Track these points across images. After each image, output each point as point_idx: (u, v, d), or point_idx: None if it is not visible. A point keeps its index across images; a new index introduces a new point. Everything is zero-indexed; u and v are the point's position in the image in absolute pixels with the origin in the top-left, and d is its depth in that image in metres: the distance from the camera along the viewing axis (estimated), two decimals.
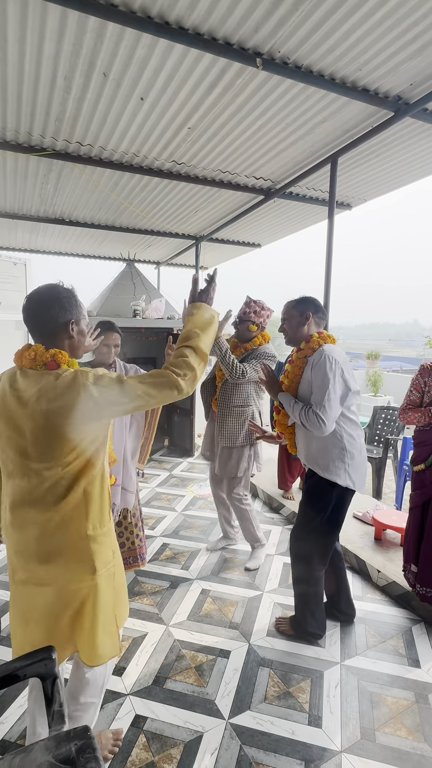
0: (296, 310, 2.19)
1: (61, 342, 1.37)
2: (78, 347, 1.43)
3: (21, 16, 1.96)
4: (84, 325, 1.44)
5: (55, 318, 1.34)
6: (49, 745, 1.16)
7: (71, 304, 1.37)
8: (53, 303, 1.34)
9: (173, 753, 1.64)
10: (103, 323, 2.33)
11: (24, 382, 1.31)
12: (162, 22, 2.01)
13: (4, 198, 4.32)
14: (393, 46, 2.15)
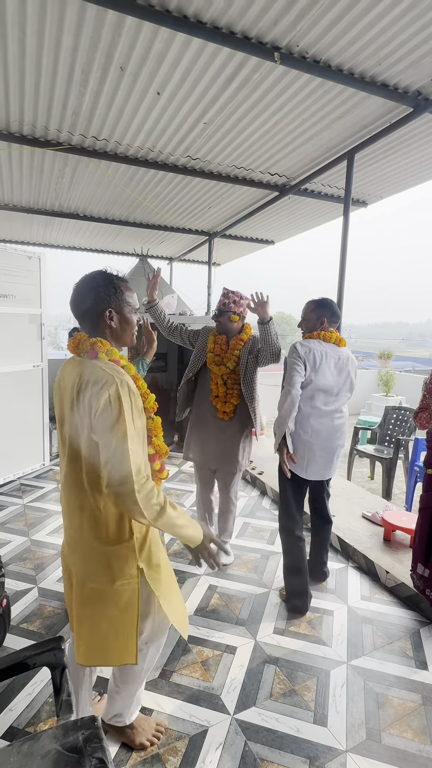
0: (314, 313, 2.45)
1: (102, 330, 1.37)
2: (121, 336, 1.41)
3: (40, 9, 1.96)
4: (128, 312, 1.41)
5: (92, 306, 1.34)
6: (57, 733, 1.17)
7: (109, 292, 1.35)
8: (90, 291, 1.35)
9: (178, 746, 1.65)
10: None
11: (68, 368, 1.35)
12: (180, 16, 2.00)
13: (20, 192, 4.36)
14: (413, 41, 2.12)
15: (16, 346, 4.24)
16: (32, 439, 4.57)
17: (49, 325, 4.79)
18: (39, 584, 2.65)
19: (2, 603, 2.12)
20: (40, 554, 3.00)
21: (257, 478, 4.43)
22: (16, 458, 4.39)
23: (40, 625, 2.29)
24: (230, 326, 2.79)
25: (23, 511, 3.70)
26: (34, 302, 4.38)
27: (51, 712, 1.78)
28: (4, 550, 3.03)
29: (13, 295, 4.15)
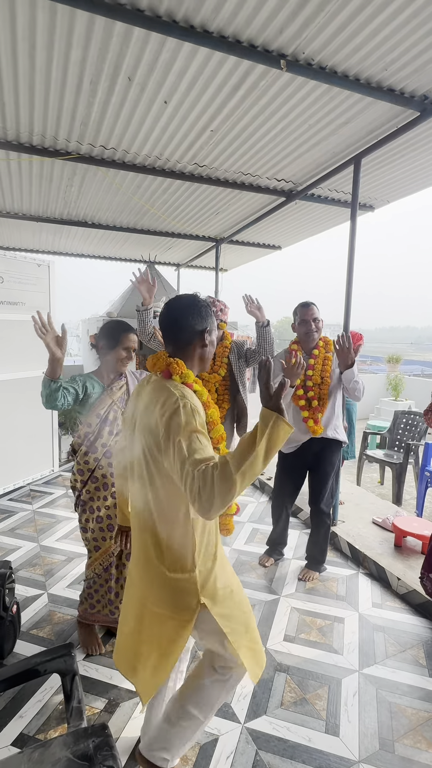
0: (320, 316, 2.78)
1: (192, 352, 1.37)
2: (207, 359, 1.42)
3: (50, 23, 2.00)
4: (215, 336, 1.43)
5: (191, 326, 1.35)
6: (68, 741, 1.17)
7: (207, 313, 1.38)
8: (193, 310, 1.36)
9: (189, 754, 1.64)
10: (120, 324, 2.14)
11: (146, 386, 1.37)
12: (187, 26, 2.02)
13: (29, 201, 4.42)
14: (419, 46, 2.12)
15: (25, 353, 4.28)
16: (41, 445, 4.60)
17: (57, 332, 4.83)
18: (49, 590, 2.65)
19: (12, 609, 2.13)
20: (49, 560, 3.01)
21: (266, 484, 4.41)
22: (26, 464, 4.42)
23: (50, 632, 2.29)
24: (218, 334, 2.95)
25: (33, 516, 3.71)
26: (43, 309, 4.42)
27: (61, 719, 1.78)
28: (14, 556, 3.05)
29: (23, 303, 4.19)
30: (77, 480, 2.10)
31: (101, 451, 2.05)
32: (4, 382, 4.07)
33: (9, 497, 4.13)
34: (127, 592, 1.47)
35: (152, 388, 1.31)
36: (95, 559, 2.13)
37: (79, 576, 2.80)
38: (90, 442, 2.04)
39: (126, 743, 1.68)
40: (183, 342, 1.36)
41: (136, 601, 1.38)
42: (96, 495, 2.09)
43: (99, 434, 2.04)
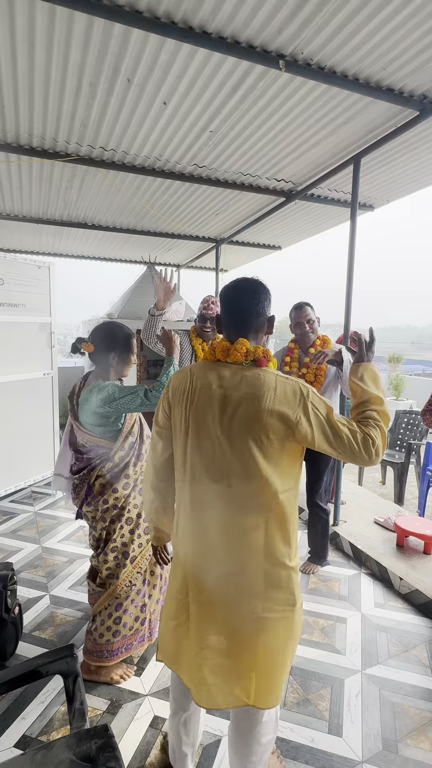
0: (313, 316, 2.80)
1: (261, 338, 1.32)
2: (266, 345, 1.36)
3: (48, 24, 2.00)
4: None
5: (264, 312, 1.30)
6: (70, 742, 1.17)
7: (271, 299, 1.34)
8: (264, 296, 1.30)
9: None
10: (122, 327, 2.02)
11: (228, 376, 1.24)
12: (186, 27, 2.02)
13: (29, 203, 4.43)
14: (418, 45, 2.12)
15: (26, 355, 4.29)
16: (43, 446, 4.61)
17: (58, 333, 4.84)
18: (51, 592, 2.65)
19: (14, 611, 2.13)
20: (51, 561, 3.01)
21: None
22: (27, 466, 4.42)
23: (52, 633, 2.29)
24: (211, 333, 3.00)
25: (34, 518, 3.72)
26: (43, 311, 4.43)
27: (64, 721, 1.77)
28: (15, 558, 3.05)
29: (23, 304, 4.20)
30: (113, 504, 1.89)
31: (144, 456, 1.97)
32: (4, 384, 4.07)
33: (10, 499, 4.14)
34: (207, 620, 1.24)
35: (251, 378, 1.20)
36: (115, 588, 1.92)
37: (81, 578, 2.80)
38: (136, 450, 1.95)
39: (128, 744, 1.67)
40: (257, 328, 1.30)
41: (230, 615, 1.22)
42: (136, 509, 1.94)
43: (141, 441, 1.97)
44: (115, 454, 1.89)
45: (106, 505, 1.90)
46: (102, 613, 1.94)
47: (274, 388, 1.18)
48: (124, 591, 1.94)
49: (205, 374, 1.27)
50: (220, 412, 1.20)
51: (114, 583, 1.92)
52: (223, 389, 1.22)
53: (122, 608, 1.94)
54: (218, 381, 1.24)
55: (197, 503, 1.25)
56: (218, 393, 1.22)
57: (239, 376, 1.22)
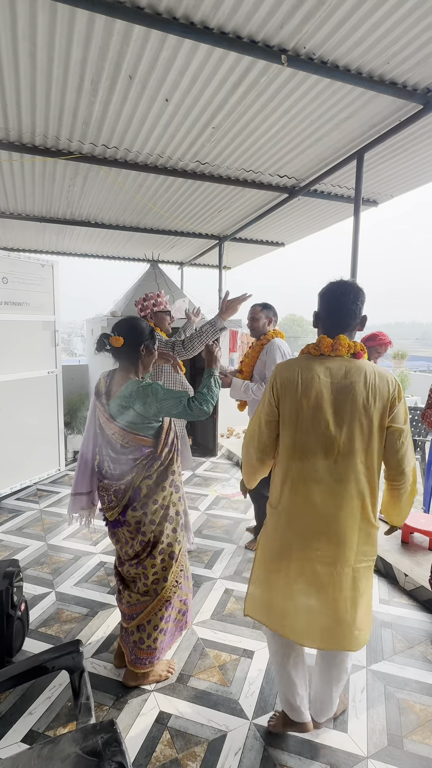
0: (262, 313, 3.04)
1: (354, 333, 1.54)
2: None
3: (50, 22, 2.00)
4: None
5: (360, 312, 1.52)
6: (76, 737, 1.18)
7: (364, 299, 1.52)
8: (360, 298, 1.51)
9: (197, 751, 1.64)
10: (144, 321, 1.96)
11: (333, 367, 1.47)
12: (187, 23, 2.02)
13: (32, 202, 4.43)
14: (421, 38, 2.10)
15: (30, 353, 4.30)
16: (47, 444, 4.63)
17: (62, 332, 4.86)
18: (56, 588, 2.67)
19: (21, 607, 2.15)
20: (57, 558, 3.02)
21: None
22: (32, 464, 4.44)
23: (58, 629, 2.31)
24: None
25: (40, 516, 3.74)
26: (47, 309, 4.44)
27: (70, 716, 1.79)
28: (21, 555, 3.07)
29: (27, 303, 4.21)
30: (163, 504, 1.84)
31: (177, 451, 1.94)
32: (9, 383, 4.09)
33: (16, 497, 4.16)
34: (324, 569, 1.47)
35: (352, 369, 1.45)
36: (166, 590, 1.87)
37: (86, 574, 2.81)
38: (176, 447, 1.92)
39: (134, 739, 1.68)
40: (354, 325, 1.52)
41: (340, 573, 1.46)
42: (175, 506, 1.90)
43: (176, 437, 1.95)
44: (161, 451, 1.83)
45: (155, 505, 1.82)
46: (153, 620, 1.87)
47: (373, 376, 1.43)
48: (173, 591, 1.89)
49: (311, 367, 1.48)
50: (331, 399, 1.44)
51: (164, 587, 1.86)
52: (330, 378, 1.45)
53: (171, 606, 1.92)
54: (324, 372, 1.46)
55: (307, 477, 1.48)
56: (326, 382, 1.45)
57: (343, 367, 1.46)
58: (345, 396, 1.42)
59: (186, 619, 2.05)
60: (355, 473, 1.44)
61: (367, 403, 1.41)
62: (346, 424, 1.42)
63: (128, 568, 1.89)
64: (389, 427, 1.45)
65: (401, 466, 1.49)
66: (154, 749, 1.65)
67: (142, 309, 3.01)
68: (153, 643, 1.89)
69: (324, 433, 1.44)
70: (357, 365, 1.45)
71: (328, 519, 1.46)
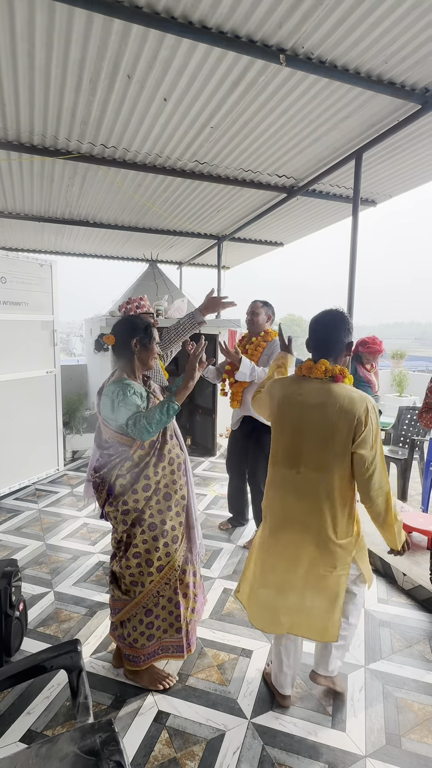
0: (263, 309, 3.14)
1: (341, 359, 1.65)
2: (346, 365, 1.70)
3: (48, 21, 2.00)
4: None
5: (343, 339, 1.63)
6: (75, 736, 1.18)
7: (350, 328, 1.65)
8: (343, 325, 1.63)
9: (195, 750, 1.64)
10: (140, 318, 1.96)
11: (309, 387, 1.61)
12: (185, 22, 2.02)
13: (31, 201, 4.43)
14: (420, 38, 2.11)
15: (29, 353, 4.30)
16: (46, 444, 4.62)
17: (61, 332, 4.85)
18: (55, 588, 2.67)
19: (19, 607, 2.14)
20: (55, 558, 3.02)
21: None
22: (31, 464, 4.44)
23: (57, 629, 2.31)
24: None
25: (38, 515, 3.73)
26: (46, 309, 4.44)
27: (69, 716, 1.79)
28: (20, 555, 3.06)
29: (26, 303, 4.21)
30: (132, 507, 1.80)
31: (167, 458, 1.86)
32: (8, 382, 4.09)
33: (15, 496, 4.16)
34: (287, 566, 1.66)
35: (336, 391, 1.55)
36: (142, 597, 1.85)
37: (84, 574, 2.81)
38: (157, 450, 1.84)
39: (132, 739, 1.68)
40: (336, 351, 1.63)
41: (305, 569, 1.62)
42: (160, 514, 1.84)
43: (164, 441, 1.86)
44: (134, 453, 1.80)
45: (125, 506, 1.80)
46: (132, 620, 1.86)
47: (345, 400, 1.51)
48: (152, 600, 1.85)
49: (293, 386, 1.66)
50: (301, 416, 1.58)
51: (141, 592, 1.83)
52: (304, 398, 1.59)
53: (153, 614, 1.86)
54: (301, 391, 1.61)
55: (278, 484, 1.67)
56: (300, 401, 1.60)
57: (318, 388, 1.58)
58: (313, 415, 1.55)
59: (186, 641, 1.92)
60: (315, 487, 1.57)
61: (333, 425, 1.51)
62: (310, 441, 1.56)
63: (113, 563, 1.93)
64: (354, 453, 1.52)
65: (368, 492, 1.55)
66: (153, 748, 1.65)
67: (125, 313, 2.91)
68: (135, 643, 1.86)
69: (289, 445, 1.62)
70: (331, 388, 1.56)
71: (290, 523, 1.64)
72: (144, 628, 1.86)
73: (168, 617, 1.90)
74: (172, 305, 5.79)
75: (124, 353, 1.87)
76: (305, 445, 1.57)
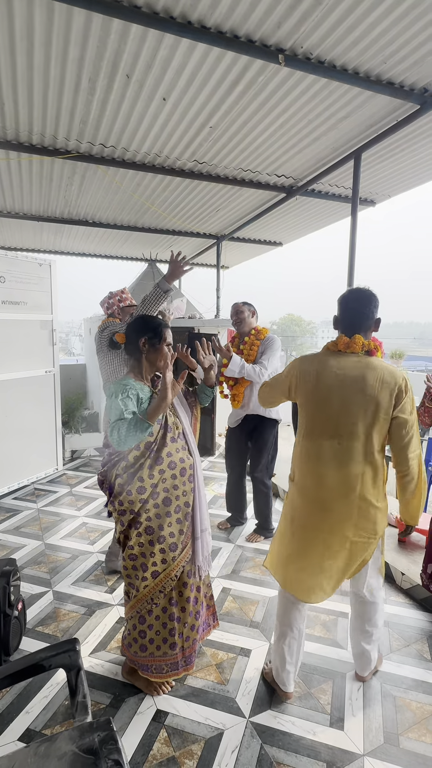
0: (245, 307, 3.22)
1: (371, 333, 1.76)
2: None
3: (47, 20, 2.00)
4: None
5: (374, 315, 1.73)
6: (73, 735, 1.18)
7: (378, 304, 1.75)
8: (374, 301, 1.73)
9: (194, 749, 1.65)
10: (153, 318, 1.91)
11: (347, 362, 1.69)
12: (184, 22, 2.02)
13: (30, 201, 4.43)
14: (418, 38, 2.11)
15: (28, 352, 4.30)
16: (45, 444, 4.62)
17: (60, 331, 4.85)
18: (54, 588, 2.67)
19: (18, 606, 2.14)
20: (54, 558, 3.02)
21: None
22: (30, 463, 4.44)
23: (56, 628, 2.31)
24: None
25: (37, 515, 3.73)
26: (45, 308, 4.44)
27: (67, 715, 1.79)
28: (19, 554, 3.06)
29: (25, 302, 4.20)
30: (128, 508, 1.75)
31: (166, 461, 1.78)
32: (7, 382, 4.08)
33: (13, 496, 4.15)
34: (327, 536, 1.72)
35: (363, 364, 1.66)
36: (137, 601, 1.81)
37: (83, 574, 2.81)
38: (153, 452, 1.78)
39: (131, 738, 1.69)
40: (367, 327, 1.73)
41: (346, 536, 1.70)
42: (158, 519, 1.77)
43: (162, 443, 1.79)
44: (129, 453, 1.75)
45: (121, 506, 1.76)
46: (129, 621, 1.85)
47: (383, 371, 1.63)
48: (146, 607, 1.79)
49: (328, 361, 1.72)
50: (340, 389, 1.66)
51: (135, 595, 1.80)
52: (342, 371, 1.67)
53: (146, 623, 1.81)
54: (338, 365, 1.68)
55: (316, 456, 1.72)
56: (339, 374, 1.67)
57: (356, 362, 1.67)
58: (353, 387, 1.64)
59: (181, 658, 1.85)
60: (356, 454, 1.66)
61: (376, 395, 1.61)
62: (352, 412, 1.64)
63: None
64: (395, 418, 1.63)
65: (405, 453, 1.67)
66: (151, 747, 1.65)
67: (108, 307, 2.87)
68: (129, 647, 1.84)
69: (330, 417, 1.68)
70: (369, 361, 1.66)
71: (330, 492, 1.69)
72: (137, 634, 1.82)
73: (161, 630, 1.82)
74: (172, 304, 5.80)
75: (134, 353, 1.83)
76: (347, 416, 1.65)
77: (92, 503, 3.99)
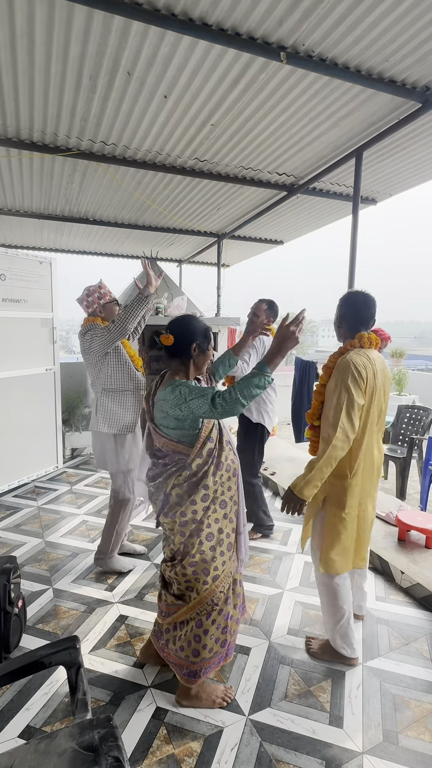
0: (266, 312, 3.16)
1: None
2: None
3: (48, 18, 1.99)
4: None
5: (375, 313, 2.02)
6: (73, 732, 1.18)
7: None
8: (374, 302, 2.01)
9: (194, 746, 1.65)
10: (200, 320, 1.87)
11: (378, 361, 1.95)
12: (186, 19, 2.01)
13: (30, 199, 4.42)
14: (421, 36, 2.10)
15: (29, 350, 4.30)
16: (45, 441, 4.63)
17: (60, 329, 4.85)
18: (54, 585, 2.67)
19: (18, 604, 2.15)
20: (54, 555, 3.03)
21: (269, 479, 4.42)
22: (30, 461, 4.44)
23: (56, 626, 2.31)
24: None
25: (37, 513, 3.74)
26: (45, 306, 4.44)
27: (68, 712, 1.79)
28: (19, 552, 3.07)
29: (25, 300, 4.20)
30: (191, 518, 1.70)
31: (224, 465, 1.75)
32: (7, 380, 4.09)
33: (14, 494, 4.16)
34: (372, 503, 2.08)
35: (382, 358, 1.98)
36: (195, 605, 1.76)
37: (84, 571, 2.82)
38: (215, 458, 1.73)
39: (131, 735, 1.69)
40: (372, 324, 2.04)
41: (371, 513, 2.09)
42: (217, 523, 1.75)
43: (221, 448, 1.76)
44: (192, 462, 1.69)
45: (183, 518, 1.70)
46: (185, 625, 1.80)
47: (384, 363, 1.99)
48: (206, 609, 1.76)
49: (370, 358, 1.91)
50: (382, 383, 1.95)
51: (195, 598, 1.75)
52: (379, 366, 1.94)
53: (202, 627, 1.76)
54: (374, 361, 1.92)
55: (367, 442, 1.95)
56: (379, 369, 1.94)
57: (378, 356, 1.98)
58: (385, 379, 1.96)
59: (225, 651, 1.85)
60: (379, 436, 2.03)
61: (389, 385, 1.99)
62: (384, 401, 1.98)
63: (164, 567, 1.85)
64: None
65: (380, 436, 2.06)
66: (151, 744, 1.66)
67: (89, 305, 2.77)
68: (180, 651, 1.78)
69: (376, 408, 1.94)
70: (380, 355, 1.99)
71: (376, 474, 2.04)
72: (192, 638, 1.77)
73: (216, 632, 1.80)
74: (172, 303, 5.79)
75: (180, 355, 1.77)
76: (381, 405, 1.96)
77: (92, 501, 3.99)
